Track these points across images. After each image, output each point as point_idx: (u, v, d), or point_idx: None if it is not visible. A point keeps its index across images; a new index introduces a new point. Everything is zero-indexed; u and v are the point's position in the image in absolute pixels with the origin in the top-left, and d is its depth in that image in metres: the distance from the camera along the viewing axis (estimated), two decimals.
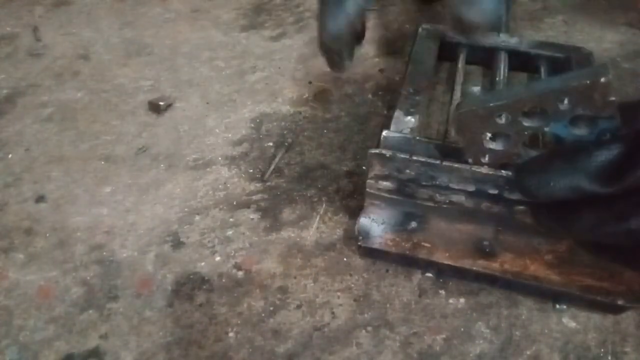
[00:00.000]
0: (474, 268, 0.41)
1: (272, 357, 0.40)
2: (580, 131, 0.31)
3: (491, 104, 0.32)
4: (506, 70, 0.58)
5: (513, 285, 0.42)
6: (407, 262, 0.44)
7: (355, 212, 0.50)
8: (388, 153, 0.40)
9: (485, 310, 0.43)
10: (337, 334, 0.42)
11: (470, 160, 0.36)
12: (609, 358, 0.41)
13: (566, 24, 0.80)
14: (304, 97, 0.66)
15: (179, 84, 0.68)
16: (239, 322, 0.43)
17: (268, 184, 0.55)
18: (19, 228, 0.51)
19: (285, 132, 0.61)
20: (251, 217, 0.52)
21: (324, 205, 0.52)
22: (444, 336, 0.42)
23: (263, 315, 0.43)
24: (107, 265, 0.47)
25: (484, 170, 0.36)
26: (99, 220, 0.51)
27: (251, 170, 0.57)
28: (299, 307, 0.44)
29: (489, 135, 0.34)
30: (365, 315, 0.43)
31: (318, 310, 0.43)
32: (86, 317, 0.43)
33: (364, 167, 0.55)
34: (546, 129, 0.32)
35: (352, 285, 0.45)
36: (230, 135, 0.61)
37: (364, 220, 0.45)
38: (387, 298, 0.44)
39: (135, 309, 0.44)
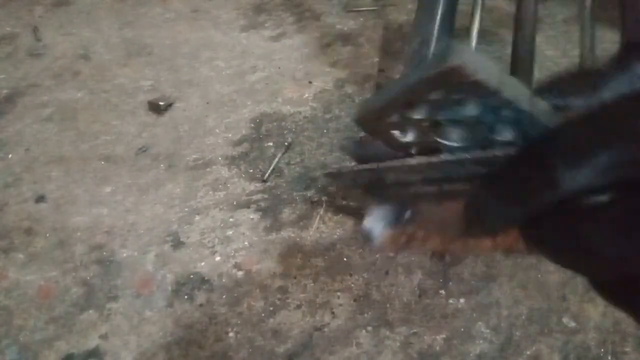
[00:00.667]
0: (466, 249, 0.42)
1: (272, 357, 0.40)
2: (471, 111, 0.29)
3: (370, 109, 0.30)
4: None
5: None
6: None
7: (355, 212, 0.50)
8: (334, 170, 0.40)
9: (485, 310, 0.43)
10: (337, 334, 0.42)
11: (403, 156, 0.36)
12: (609, 358, 0.41)
13: (566, 23, 0.80)
14: (304, 97, 0.66)
15: (179, 84, 0.68)
16: (239, 322, 0.43)
17: (268, 184, 0.55)
18: (19, 228, 0.51)
19: (285, 132, 0.61)
20: (251, 217, 0.52)
21: (324, 205, 0.52)
22: (444, 336, 0.42)
23: (263, 315, 0.43)
24: (107, 265, 0.47)
25: (414, 161, 0.35)
26: (99, 220, 0.51)
27: (251, 170, 0.56)
28: (299, 307, 0.43)
29: (396, 131, 0.33)
30: (365, 315, 0.43)
31: (318, 310, 0.43)
32: (86, 317, 0.43)
33: None
34: (439, 118, 0.30)
35: (352, 285, 0.45)
36: (230, 135, 0.61)
37: (366, 223, 0.46)
38: (387, 298, 0.44)
39: (135, 309, 0.44)
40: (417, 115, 0.33)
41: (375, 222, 0.48)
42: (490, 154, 0.36)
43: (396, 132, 0.36)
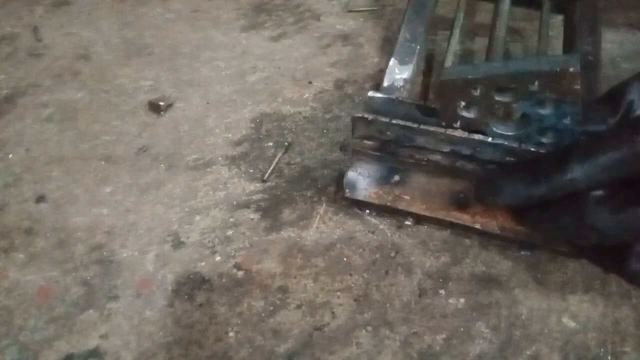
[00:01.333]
0: (447, 218, 0.45)
1: (272, 357, 0.40)
2: (545, 111, 0.34)
3: (469, 77, 0.35)
4: (508, 9, 0.58)
5: (483, 233, 0.45)
6: (389, 211, 0.48)
7: (355, 213, 0.51)
8: (370, 117, 0.43)
9: (485, 310, 0.43)
10: (337, 334, 0.42)
11: (444, 124, 0.40)
12: (609, 358, 0.41)
13: None
14: (304, 97, 0.66)
15: (179, 84, 0.68)
16: (239, 322, 0.43)
17: (268, 184, 0.55)
18: (19, 228, 0.51)
19: (285, 132, 0.61)
20: (251, 217, 0.52)
21: (324, 205, 0.52)
22: (443, 336, 0.42)
23: (263, 315, 0.43)
24: (107, 265, 0.47)
25: (457, 133, 0.40)
26: (99, 220, 0.51)
27: (251, 170, 0.57)
28: (299, 307, 0.44)
29: (463, 103, 0.37)
30: (365, 315, 0.43)
31: (318, 310, 0.43)
32: (86, 317, 0.43)
33: None
34: (515, 105, 0.35)
35: (352, 285, 0.45)
36: (230, 135, 0.61)
37: (351, 174, 0.48)
38: (387, 298, 0.44)
39: (136, 308, 0.44)
40: (502, 97, 0.39)
41: (362, 176, 0.52)
42: (523, 148, 0.42)
43: (461, 104, 0.41)
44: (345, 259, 0.47)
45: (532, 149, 0.36)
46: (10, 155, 0.59)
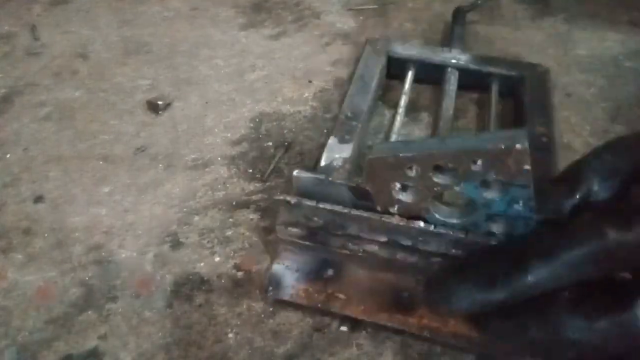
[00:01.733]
0: (389, 324, 0.38)
1: (271, 358, 0.40)
2: (491, 195, 0.30)
3: (401, 154, 0.30)
4: (454, 90, 0.56)
5: (434, 342, 0.38)
6: (322, 314, 0.41)
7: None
8: (293, 200, 0.38)
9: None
10: (338, 335, 0.41)
11: (379, 209, 0.34)
12: None
13: (567, 22, 0.79)
14: (304, 96, 0.66)
15: (177, 83, 0.68)
16: (238, 322, 0.42)
17: (268, 184, 0.55)
18: (18, 228, 0.50)
19: (285, 131, 0.61)
20: (251, 217, 0.51)
21: None
22: None
23: (263, 316, 0.43)
24: (105, 265, 0.47)
25: (394, 220, 0.35)
26: (97, 221, 0.51)
27: (251, 170, 0.56)
28: (299, 307, 0.43)
29: (398, 185, 0.33)
30: None
31: (318, 311, 0.43)
32: (85, 317, 0.43)
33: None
34: (456, 188, 0.31)
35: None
36: (229, 134, 0.61)
37: (277, 267, 0.42)
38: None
39: (135, 309, 0.44)
40: (440, 179, 0.33)
41: (289, 270, 0.45)
42: (470, 238, 0.36)
43: (396, 186, 0.35)
44: None
45: (481, 240, 0.32)
46: (8, 155, 0.58)
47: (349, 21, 0.79)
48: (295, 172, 0.39)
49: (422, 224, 0.34)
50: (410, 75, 0.59)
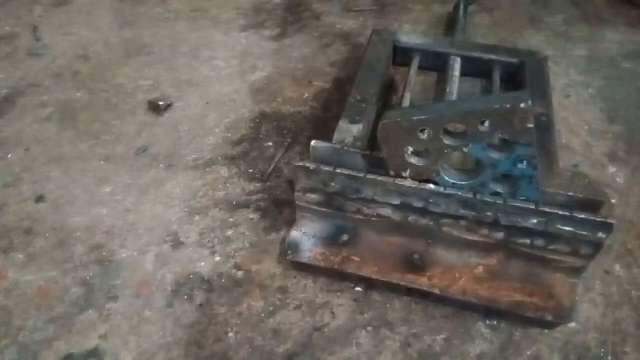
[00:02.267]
0: (402, 283, 0.41)
1: (271, 358, 0.40)
2: (498, 155, 0.33)
3: (414, 118, 0.33)
4: (458, 76, 0.58)
5: (442, 300, 0.41)
6: (337, 276, 0.43)
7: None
8: (312, 166, 0.40)
9: (485, 311, 0.43)
10: (337, 334, 0.42)
11: (392, 174, 0.37)
12: (609, 358, 0.41)
13: (566, 23, 0.80)
14: (304, 96, 0.66)
15: (178, 84, 0.68)
16: (238, 322, 0.43)
17: (268, 184, 0.55)
18: (19, 228, 0.51)
19: (285, 132, 0.61)
20: (251, 217, 0.52)
21: None
22: (444, 336, 0.41)
23: (263, 315, 0.43)
24: (106, 265, 0.47)
25: (407, 183, 0.37)
26: (98, 221, 0.51)
27: (251, 171, 0.56)
28: (299, 307, 0.44)
29: (410, 149, 0.35)
30: (366, 315, 0.43)
31: (318, 311, 0.43)
32: (86, 317, 0.43)
33: None
34: (465, 150, 0.33)
35: (353, 285, 0.45)
36: (230, 135, 0.61)
37: (294, 234, 0.45)
38: (388, 298, 0.44)
39: (135, 309, 0.44)
40: (450, 141, 0.36)
41: (307, 236, 0.48)
42: (479, 199, 0.39)
43: (409, 150, 0.38)
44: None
45: (489, 200, 0.34)
46: (10, 155, 0.58)
47: (349, 22, 0.79)
48: (313, 142, 0.43)
49: (433, 186, 0.37)
50: (415, 62, 0.60)
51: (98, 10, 0.82)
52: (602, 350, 0.41)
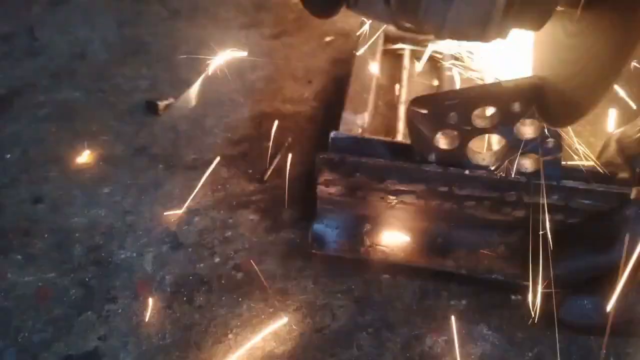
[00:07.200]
0: (430, 266, 0.42)
1: (272, 359, 0.40)
2: (527, 134, 0.33)
3: (446, 102, 0.33)
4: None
5: (470, 280, 0.42)
6: (364, 265, 0.44)
7: None
8: (337, 157, 0.40)
9: (487, 312, 0.43)
10: (338, 336, 0.41)
11: (417, 159, 0.38)
12: (611, 359, 0.40)
13: None
14: (304, 96, 0.65)
15: (177, 83, 0.68)
16: (238, 324, 0.42)
17: (268, 184, 0.55)
18: (17, 229, 0.50)
19: (285, 131, 0.61)
20: (250, 217, 0.51)
21: None
22: (445, 338, 0.41)
23: (263, 317, 0.43)
24: (105, 266, 0.47)
25: (433, 168, 0.38)
26: (97, 221, 0.51)
27: (251, 171, 0.56)
28: (299, 308, 0.43)
29: (438, 134, 0.36)
30: (366, 316, 0.43)
31: (318, 312, 0.43)
32: (85, 318, 0.43)
33: None
34: (494, 131, 0.33)
35: (353, 286, 0.45)
36: (229, 134, 0.61)
37: (317, 227, 0.45)
38: (388, 299, 0.44)
39: (134, 310, 0.43)
40: (480, 122, 0.36)
41: (329, 228, 0.48)
42: (505, 179, 0.39)
43: (436, 134, 0.38)
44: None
45: (513, 180, 0.35)
46: (7, 156, 0.58)
47: (349, 21, 0.79)
48: (332, 134, 0.43)
49: (459, 169, 0.37)
50: (408, 53, 0.61)
51: (96, 8, 0.82)
52: (604, 351, 0.41)
